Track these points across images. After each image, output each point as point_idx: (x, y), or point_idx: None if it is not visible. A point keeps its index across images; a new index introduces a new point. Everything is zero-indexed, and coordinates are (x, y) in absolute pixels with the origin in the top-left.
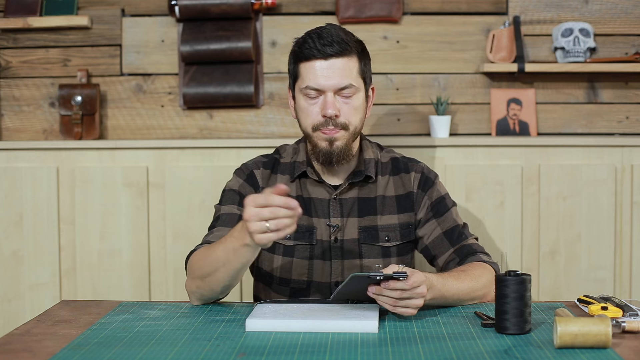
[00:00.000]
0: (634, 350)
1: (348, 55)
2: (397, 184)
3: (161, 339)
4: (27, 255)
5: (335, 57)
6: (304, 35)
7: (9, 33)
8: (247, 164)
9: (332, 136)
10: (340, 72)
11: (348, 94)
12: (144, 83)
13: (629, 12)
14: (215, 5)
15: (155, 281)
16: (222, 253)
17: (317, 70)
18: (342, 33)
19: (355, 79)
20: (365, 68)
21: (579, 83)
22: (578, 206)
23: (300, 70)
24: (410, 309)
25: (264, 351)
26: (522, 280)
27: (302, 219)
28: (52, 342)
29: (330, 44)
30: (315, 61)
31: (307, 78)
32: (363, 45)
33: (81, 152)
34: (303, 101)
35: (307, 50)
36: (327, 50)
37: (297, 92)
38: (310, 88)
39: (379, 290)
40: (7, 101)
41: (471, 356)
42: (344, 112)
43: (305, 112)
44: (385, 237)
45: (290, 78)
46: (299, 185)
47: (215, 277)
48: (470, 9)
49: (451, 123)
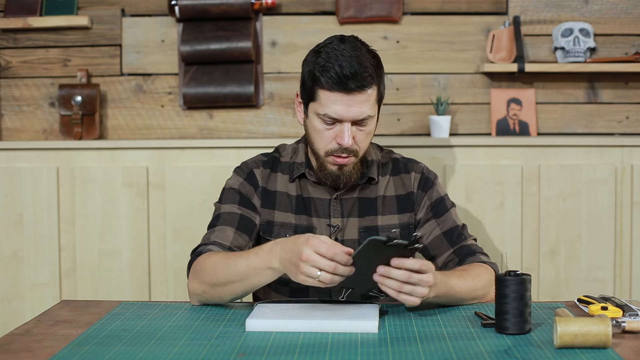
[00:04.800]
0: (634, 350)
1: (369, 87)
2: (397, 184)
3: (161, 339)
4: (27, 255)
5: (357, 91)
6: (324, 56)
7: (9, 33)
8: (247, 163)
9: (343, 163)
10: (360, 105)
11: (364, 123)
12: (144, 83)
13: (629, 12)
14: (215, 5)
15: (155, 281)
16: (243, 269)
17: (338, 102)
18: (364, 58)
19: (372, 108)
20: (382, 89)
21: (579, 83)
22: (578, 206)
23: (319, 95)
24: (414, 297)
25: (264, 351)
26: (522, 280)
27: (302, 219)
28: (52, 342)
29: (353, 77)
30: (335, 93)
31: (327, 106)
32: (380, 63)
33: (81, 152)
34: (318, 124)
35: (328, 81)
36: (350, 85)
37: (312, 112)
38: (329, 117)
39: (387, 272)
40: (7, 101)
41: (471, 356)
42: (358, 139)
43: (319, 135)
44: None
45: (303, 91)
46: (299, 185)
47: (229, 289)
48: (470, 9)
49: (451, 123)
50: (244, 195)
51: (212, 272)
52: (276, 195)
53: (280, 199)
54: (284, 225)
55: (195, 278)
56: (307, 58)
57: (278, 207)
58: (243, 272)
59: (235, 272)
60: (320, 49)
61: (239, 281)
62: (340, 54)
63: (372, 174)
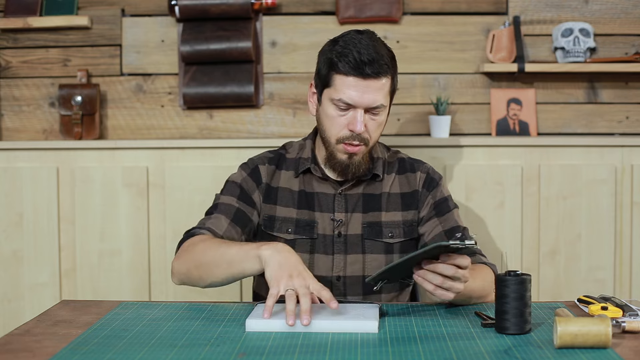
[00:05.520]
0: (634, 350)
1: (384, 75)
2: (402, 182)
3: (161, 339)
4: (27, 255)
5: (372, 78)
6: (342, 44)
7: (9, 33)
8: (253, 159)
9: (354, 152)
10: (374, 92)
11: (377, 112)
12: (144, 83)
13: (629, 12)
14: (215, 5)
15: (155, 281)
16: (233, 252)
17: (353, 87)
18: (380, 48)
19: (385, 98)
20: (395, 82)
21: (579, 83)
22: (578, 206)
23: (335, 80)
24: (450, 293)
25: (264, 351)
26: (522, 280)
27: (303, 213)
28: (52, 342)
29: (370, 63)
30: (352, 77)
31: (342, 91)
32: (394, 57)
33: (81, 152)
34: (332, 110)
35: (346, 65)
36: (367, 70)
37: (326, 98)
38: (343, 102)
39: (434, 267)
40: (7, 101)
41: (471, 356)
42: (369, 128)
43: (331, 121)
44: (388, 234)
45: (318, 79)
46: (303, 180)
47: (212, 271)
48: (470, 9)
49: (451, 123)
50: (245, 190)
51: (202, 251)
52: (279, 191)
53: (283, 194)
54: (285, 220)
55: (183, 256)
56: (323, 48)
57: (280, 202)
58: (232, 254)
59: (224, 254)
60: (338, 38)
61: (225, 264)
62: (358, 42)
63: (377, 170)
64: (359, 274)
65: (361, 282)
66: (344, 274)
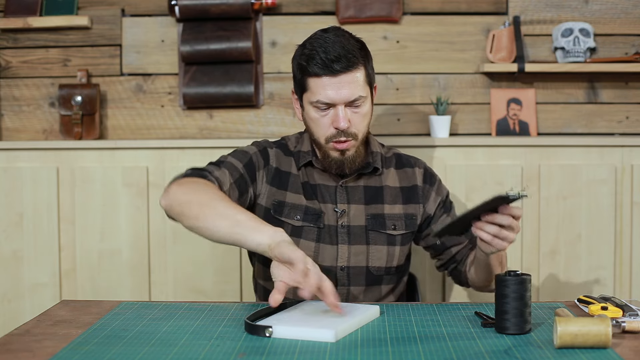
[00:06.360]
0: (634, 350)
1: (355, 68)
2: (401, 176)
3: (161, 339)
4: (27, 255)
5: (343, 72)
6: (309, 47)
7: (9, 33)
8: (264, 141)
9: (344, 148)
10: (349, 86)
11: (357, 104)
12: (144, 83)
13: (629, 12)
14: (215, 5)
15: (155, 281)
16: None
17: (327, 86)
18: (347, 42)
19: (363, 89)
20: (370, 72)
21: (579, 83)
22: (578, 206)
23: (309, 83)
24: (505, 242)
25: (264, 351)
26: (522, 280)
27: (312, 202)
28: (52, 342)
29: (338, 59)
30: (324, 77)
31: (318, 93)
32: (365, 47)
33: (81, 152)
34: (314, 112)
35: (314, 67)
36: (335, 67)
37: (306, 103)
38: (322, 102)
39: (492, 218)
40: (7, 101)
41: (471, 356)
42: (354, 121)
43: (316, 123)
44: (391, 226)
45: (296, 86)
46: (305, 172)
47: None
48: (470, 9)
49: (451, 123)
50: (253, 162)
51: (211, 197)
52: (289, 177)
53: (293, 180)
54: (294, 206)
55: (187, 186)
56: (295, 54)
57: (290, 188)
58: (244, 220)
59: (236, 214)
60: (305, 42)
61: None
62: (324, 41)
63: (377, 164)
64: (363, 264)
65: (364, 272)
66: (348, 264)
